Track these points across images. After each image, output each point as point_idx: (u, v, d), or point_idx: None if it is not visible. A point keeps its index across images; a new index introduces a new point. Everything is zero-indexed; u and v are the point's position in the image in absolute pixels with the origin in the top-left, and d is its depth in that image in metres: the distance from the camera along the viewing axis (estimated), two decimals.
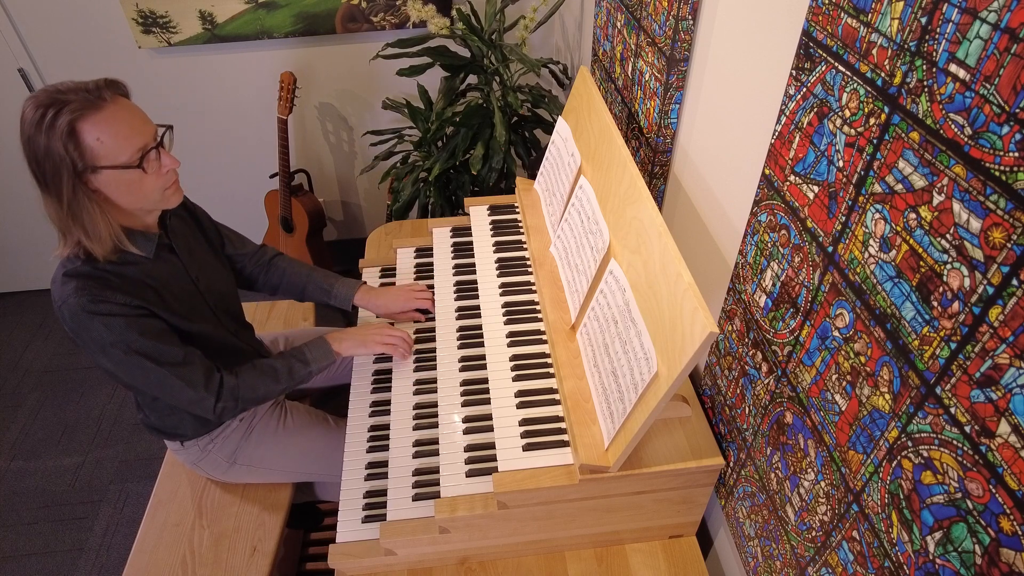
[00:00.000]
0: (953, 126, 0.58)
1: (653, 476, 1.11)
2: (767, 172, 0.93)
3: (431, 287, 1.56)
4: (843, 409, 0.79)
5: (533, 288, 1.46)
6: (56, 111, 1.01)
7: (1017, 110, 0.51)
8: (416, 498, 1.18)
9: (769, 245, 0.95)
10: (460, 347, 1.38)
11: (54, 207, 1.08)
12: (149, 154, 1.11)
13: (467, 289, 1.51)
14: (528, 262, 1.52)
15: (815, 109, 0.79)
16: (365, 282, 1.59)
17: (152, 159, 1.12)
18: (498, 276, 1.49)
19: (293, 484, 1.55)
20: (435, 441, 1.24)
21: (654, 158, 1.39)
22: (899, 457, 0.69)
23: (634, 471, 1.09)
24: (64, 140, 1.02)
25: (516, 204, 1.70)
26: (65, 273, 1.11)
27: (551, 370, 1.27)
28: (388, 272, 1.69)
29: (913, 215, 0.64)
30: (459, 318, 1.44)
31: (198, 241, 1.36)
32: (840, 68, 0.74)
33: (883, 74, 0.67)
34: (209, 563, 1.38)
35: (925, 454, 0.65)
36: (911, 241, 0.65)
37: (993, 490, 0.57)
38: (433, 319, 1.47)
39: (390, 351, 1.40)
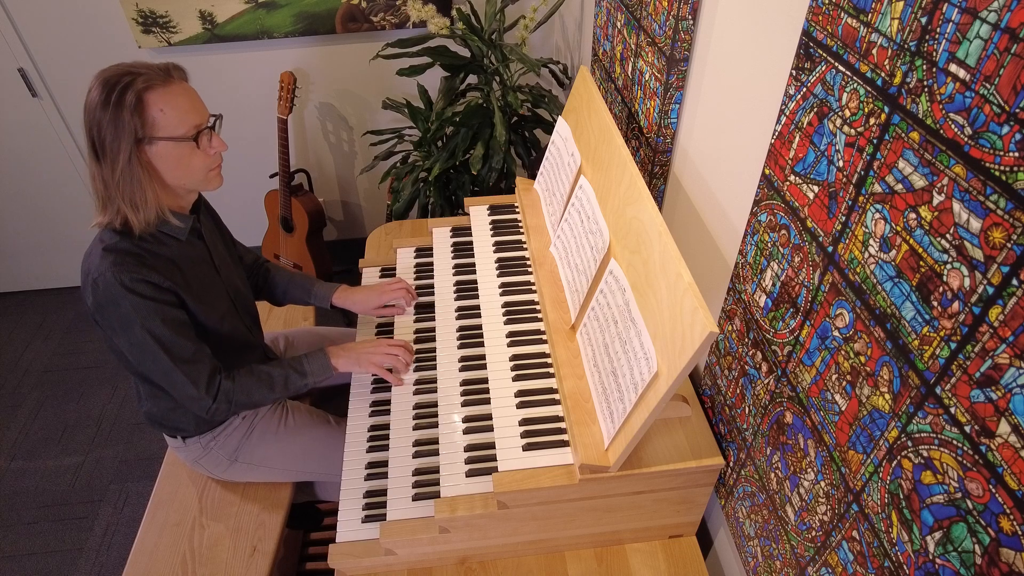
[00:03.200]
0: (953, 126, 0.58)
1: (653, 476, 1.11)
2: (767, 172, 0.93)
3: (431, 287, 1.56)
4: (843, 409, 0.79)
5: (533, 288, 1.46)
6: (127, 83, 1.09)
7: (1017, 110, 0.51)
8: (416, 498, 1.18)
9: (769, 245, 0.95)
10: (460, 347, 1.38)
11: (106, 175, 1.13)
12: (203, 132, 1.18)
13: (467, 289, 1.51)
14: (528, 262, 1.52)
15: (815, 109, 0.79)
16: (345, 284, 1.60)
17: (204, 137, 1.19)
18: (498, 276, 1.49)
19: (293, 484, 1.55)
20: (435, 441, 1.24)
21: (654, 158, 1.39)
22: (899, 457, 0.69)
23: (634, 471, 1.09)
24: (131, 109, 1.08)
25: (516, 204, 1.70)
26: (105, 248, 1.15)
27: (551, 370, 1.27)
28: (388, 272, 1.69)
29: (913, 215, 0.64)
30: (459, 318, 1.44)
31: (218, 238, 1.41)
32: (840, 68, 0.74)
33: (883, 74, 0.67)
34: (209, 563, 1.38)
35: (925, 454, 0.65)
36: (911, 241, 0.65)
37: (993, 490, 0.57)
38: (433, 319, 1.47)
39: (382, 374, 1.38)
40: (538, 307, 1.41)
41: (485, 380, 1.28)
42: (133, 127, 1.09)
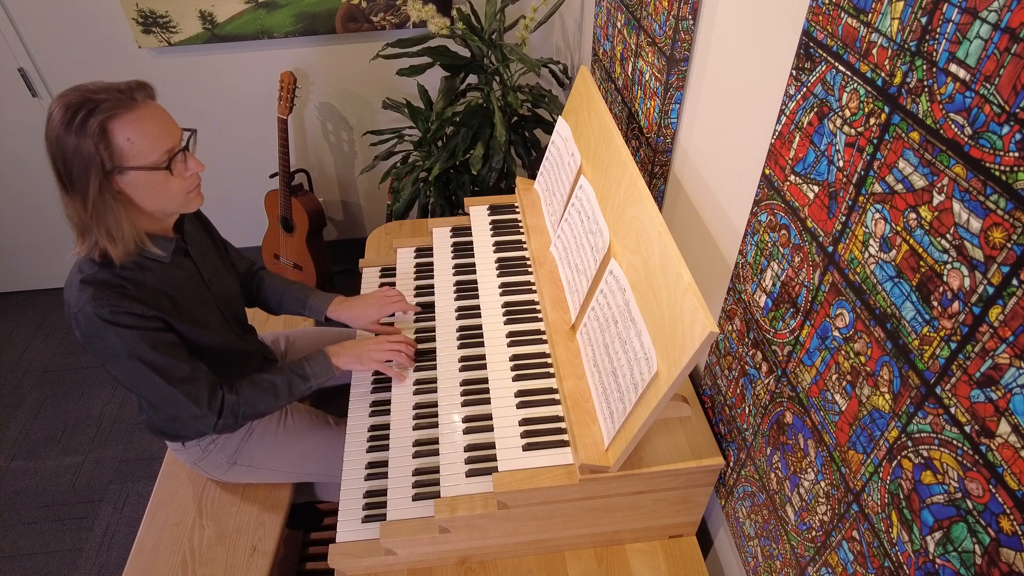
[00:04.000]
0: (953, 126, 0.58)
1: (653, 476, 1.11)
2: (767, 172, 0.93)
3: (431, 287, 1.56)
4: (843, 409, 0.79)
5: (533, 288, 1.46)
6: (88, 110, 1.01)
7: (1017, 110, 0.51)
8: (416, 498, 1.18)
9: (769, 245, 0.95)
10: (460, 347, 1.38)
11: (77, 208, 1.07)
12: (176, 156, 1.11)
13: (467, 289, 1.51)
14: (528, 262, 1.52)
15: (815, 109, 0.79)
16: (340, 295, 1.57)
17: (178, 161, 1.12)
18: (498, 276, 1.49)
19: (293, 484, 1.55)
20: (435, 441, 1.24)
21: (654, 158, 1.39)
22: (899, 457, 0.69)
23: (634, 471, 1.09)
24: (95, 139, 1.01)
25: (516, 204, 1.70)
26: (83, 280, 1.11)
27: (551, 370, 1.27)
28: (388, 272, 1.69)
29: (913, 215, 0.64)
30: (459, 318, 1.44)
31: (208, 245, 1.37)
32: (840, 68, 0.74)
33: (883, 74, 0.67)
34: (209, 563, 1.38)
35: (925, 454, 0.65)
36: (911, 241, 0.65)
37: (993, 490, 0.57)
38: (433, 318, 1.47)
39: (384, 369, 1.38)
40: (538, 307, 1.41)
41: (485, 380, 1.28)
42: (100, 159, 1.02)
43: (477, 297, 1.46)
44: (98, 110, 1.02)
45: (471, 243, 1.62)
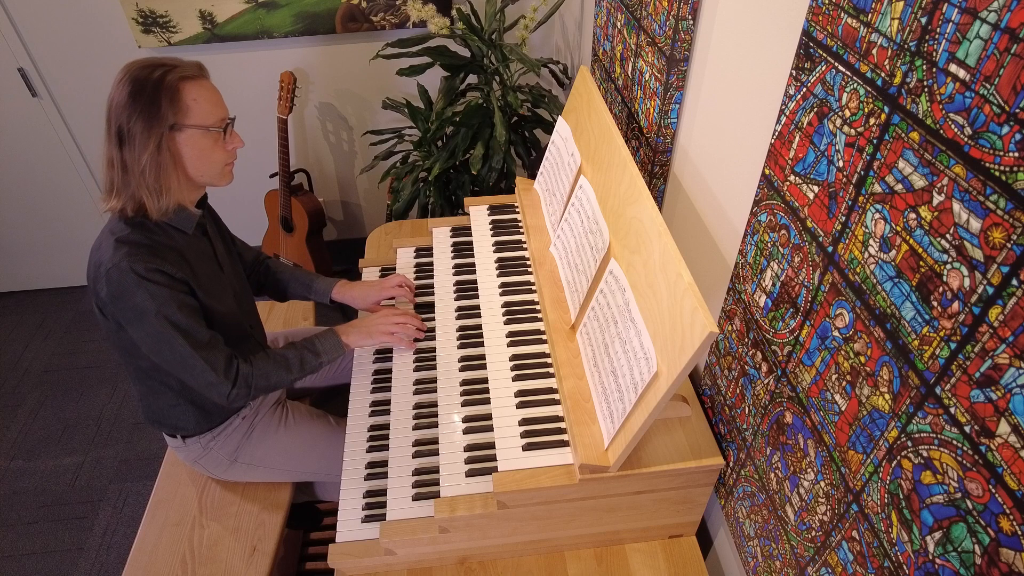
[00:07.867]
0: (953, 126, 0.58)
1: (653, 476, 1.11)
2: (767, 172, 0.93)
3: (431, 287, 1.56)
4: (843, 409, 0.79)
5: (533, 288, 1.46)
6: (165, 71, 1.14)
7: (1017, 110, 0.51)
8: (416, 498, 1.18)
9: (769, 245, 0.95)
10: (460, 347, 1.38)
11: (128, 159, 1.15)
12: (227, 126, 1.24)
13: (467, 289, 1.51)
14: (528, 262, 1.52)
15: (815, 109, 0.80)
16: (344, 279, 1.62)
17: (228, 132, 1.25)
18: (498, 276, 1.49)
19: (293, 484, 1.55)
20: (435, 441, 1.24)
21: (654, 158, 1.39)
22: (899, 457, 0.69)
23: (634, 471, 1.09)
24: (169, 95, 1.14)
25: (516, 204, 1.70)
26: (117, 239, 1.17)
27: (551, 370, 1.27)
28: (388, 272, 1.69)
29: (913, 215, 0.64)
30: (459, 318, 1.45)
31: (217, 235, 1.42)
32: (840, 68, 0.74)
33: (883, 74, 0.67)
34: (209, 563, 1.39)
35: (925, 454, 0.65)
36: (911, 241, 0.65)
37: (993, 490, 0.57)
38: (433, 318, 1.47)
39: (395, 340, 1.43)
40: (538, 307, 1.41)
41: (485, 380, 1.28)
42: (168, 114, 1.13)
43: (477, 297, 1.46)
44: (173, 72, 1.15)
45: (471, 243, 1.62)
